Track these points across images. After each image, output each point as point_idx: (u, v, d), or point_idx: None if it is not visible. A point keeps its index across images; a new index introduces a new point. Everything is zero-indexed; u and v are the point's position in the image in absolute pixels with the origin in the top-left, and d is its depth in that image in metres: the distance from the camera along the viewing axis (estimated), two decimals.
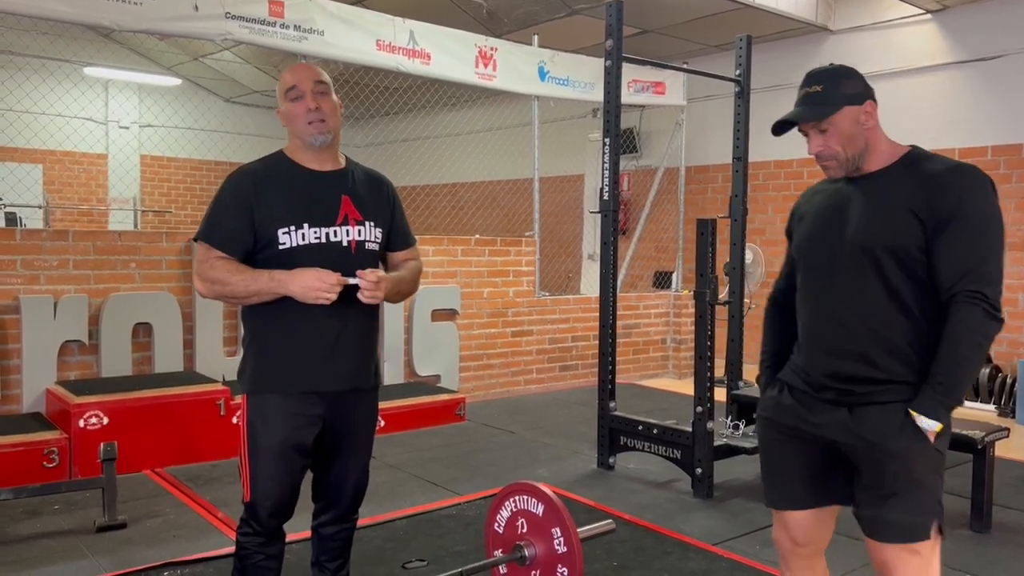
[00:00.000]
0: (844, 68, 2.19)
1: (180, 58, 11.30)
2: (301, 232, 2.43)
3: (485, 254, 7.09)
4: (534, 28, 7.93)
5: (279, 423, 2.46)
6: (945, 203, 2.02)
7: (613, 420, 4.86)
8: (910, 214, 2.04)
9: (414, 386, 6.31)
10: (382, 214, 2.62)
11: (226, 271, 2.41)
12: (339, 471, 2.62)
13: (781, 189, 8.66)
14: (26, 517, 3.94)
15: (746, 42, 5.54)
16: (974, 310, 2.00)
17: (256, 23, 5.70)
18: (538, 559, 2.62)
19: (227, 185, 2.50)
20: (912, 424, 2.02)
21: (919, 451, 2.03)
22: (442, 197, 10.59)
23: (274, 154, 2.59)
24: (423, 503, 4.21)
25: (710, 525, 3.97)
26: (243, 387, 2.53)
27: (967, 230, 2.00)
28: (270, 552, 2.57)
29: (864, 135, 2.14)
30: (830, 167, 2.19)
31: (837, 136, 2.13)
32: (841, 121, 2.12)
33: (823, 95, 2.14)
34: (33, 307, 4.96)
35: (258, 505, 2.49)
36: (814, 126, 2.15)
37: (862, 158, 2.15)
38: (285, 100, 2.51)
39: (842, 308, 2.15)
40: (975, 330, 2.01)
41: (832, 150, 2.15)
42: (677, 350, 8.44)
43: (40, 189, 10.32)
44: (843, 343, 2.14)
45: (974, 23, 7.26)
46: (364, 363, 2.58)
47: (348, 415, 2.57)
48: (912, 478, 2.05)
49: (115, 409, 4.61)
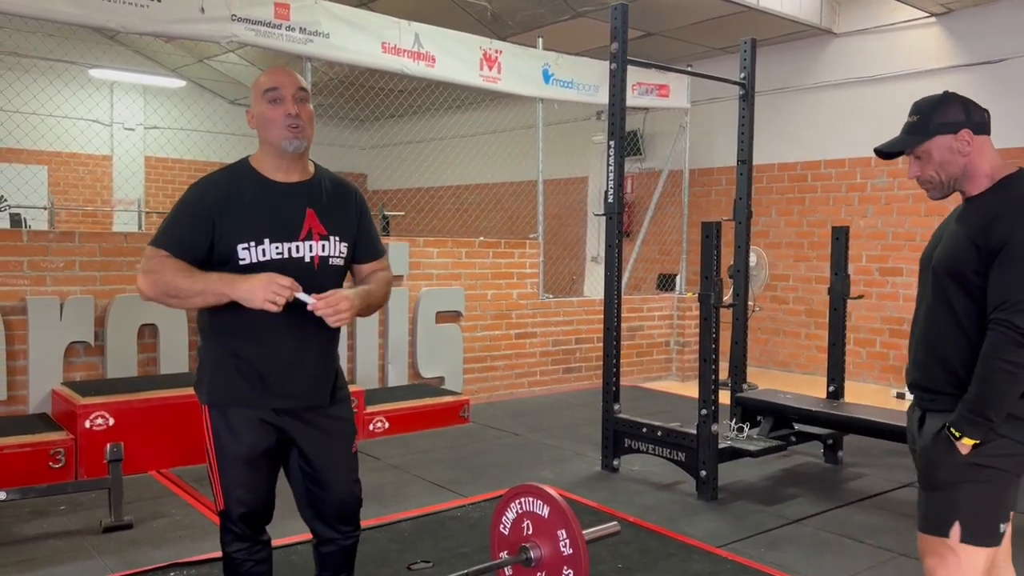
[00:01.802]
0: (945, 97, 2.34)
1: (185, 60, 11.34)
2: (261, 248, 2.35)
3: (489, 256, 7.10)
4: (538, 31, 7.95)
5: (244, 431, 2.41)
6: (995, 232, 2.17)
7: (617, 422, 4.86)
8: (969, 240, 2.21)
9: (418, 388, 6.32)
10: (348, 227, 2.52)
11: (173, 270, 2.31)
12: (317, 490, 2.54)
13: (785, 192, 8.67)
14: (33, 517, 3.95)
15: (750, 45, 5.55)
16: (999, 336, 2.14)
17: (262, 25, 5.72)
18: (544, 561, 2.62)
19: (189, 195, 2.40)
20: (946, 434, 2.22)
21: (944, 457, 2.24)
22: (446, 199, 10.61)
23: (239, 164, 2.50)
24: (428, 504, 4.21)
25: (714, 527, 3.97)
26: (202, 398, 2.48)
27: (1011, 259, 2.14)
28: (258, 557, 2.54)
29: (960, 161, 2.29)
30: (928, 190, 2.38)
31: (930, 162, 2.32)
32: (933, 149, 2.30)
33: (917, 124, 2.33)
34: (39, 308, 4.98)
35: (233, 512, 2.46)
36: (910, 153, 2.35)
37: (959, 182, 2.32)
38: (261, 101, 2.41)
39: (923, 324, 2.37)
40: (997, 355, 2.14)
41: (927, 175, 2.34)
42: (681, 353, 8.44)
43: (45, 190, 10.34)
44: (917, 355, 2.39)
45: (979, 26, 7.27)
46: (321, 381, 2.50)
47: (312, 432, 2.50)
48: (936, 479, 2.27)
49: (121, 410, 4.63)
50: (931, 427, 2.30)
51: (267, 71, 2.50)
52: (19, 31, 8.16)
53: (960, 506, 2.22)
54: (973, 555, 2.22)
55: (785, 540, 3.81)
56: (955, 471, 2.22)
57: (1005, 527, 2.26)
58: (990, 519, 2.23)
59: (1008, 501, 2.26)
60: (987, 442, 2.18)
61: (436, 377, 6.66)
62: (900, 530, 3.94)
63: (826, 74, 8.31)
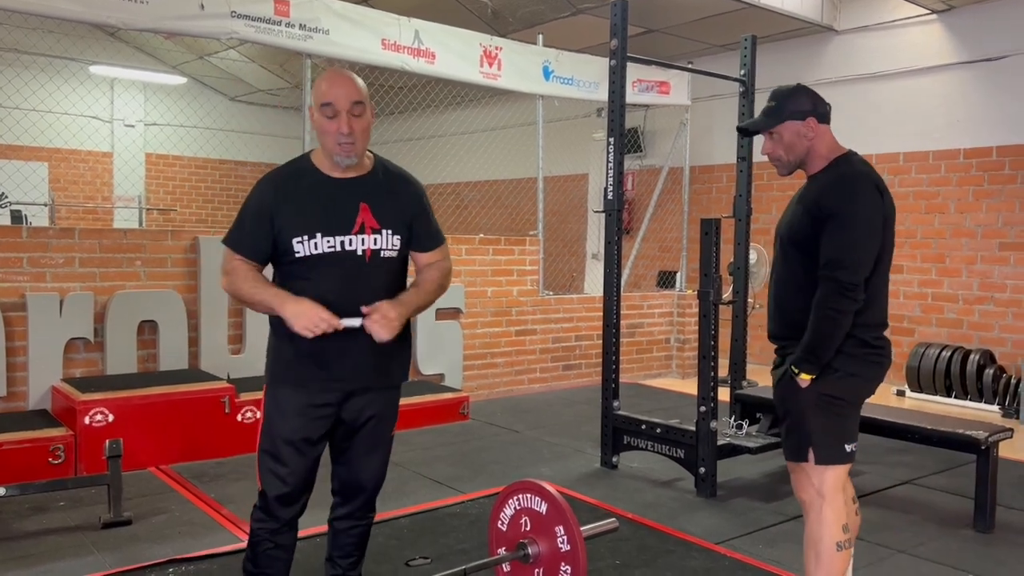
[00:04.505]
0: (797, 89, 2.76)
1: (185, 57, 11.33)
2: (314, 241, 2.46)
3: (489, 253, 7.09)
4: (539, 27, 7.94)
5: (292, 415, 2.53)
6: (824, 204, 2.62)
7: (617, 419, 4.86)
8: (807, 212, 2.66)
9: (418, 384, 6.32)
10: (402, 219, 2.59)
11: (242, 277, 2.50)
12: (354, 466, 2.67)
13: (785, 189, 8.65)
14: (32, 513, 3.95)
15: (751, 42, 5.54)
16: (826, 289, 2.58)
17: (262, 22, 5.71)
18: (542, 557, 2.63)
19: (253, 192, 2.55)
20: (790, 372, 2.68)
21: (790, 392, 2.69)
22: (446, 196, 10.60)
23: (301, 158, 2.62)
24: (427, 501, 4.22)
25: (713, 524, 3.97)
26: (264, 379, 2.63)
27: (837, 227, 2.58)
28: (279, 541, 2.63)
29: (804, 144, 2.72)
30: (777, 166, 2.82)
31: (780, 143, 2.75)
32: (784, 131, 2.73)
33: (773, 109, 2.75)
34: (39, 304, 4.98)
35: (268, 493, 2.57)
36: (766, 133, 2.78)
37: (803, 163, 2.76)
38: (319, 111, 2.46)
39: (773, 284, 2.84)
40: (825, 304, 2.59)
41: (776, 153, 2.77)
42: (681, 349, 8.44)
43: (46, 187, 10.33)
44: (770, 310, 2.86)
45: (980, 23, 7.25)
46: (379, 363, 2.59)
47: (362, 412, 2.61)
48: (787, 410, 2.74)
49: (120, 406, 4.63)
50: (780, 368, 2.75)
51: (327, 76, 2.51)
52: (19, 27, 8.15)
53: (811, 434, 2.66)
54: (828, 473, 2.66)
55: (784, 537, 3.81)
56: (800, 403, 2.67)
57: (851, 447, 2.69)
58: (836, 441, 2.67)
59: (850, 425, 2.71)
60: (821, 377, 2.62)
61: (436, 374, 6.67)
62: (898, 527, 3.95)
63: (827, 71, 8.29)
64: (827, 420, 2.66)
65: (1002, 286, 7.19)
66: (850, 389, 2.68)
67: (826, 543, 2.66)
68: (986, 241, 7.26)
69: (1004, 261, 7.17)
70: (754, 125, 2.83)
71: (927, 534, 3.89)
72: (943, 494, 4.50)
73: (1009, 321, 7.14)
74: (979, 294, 7.33)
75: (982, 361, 6.92)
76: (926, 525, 4.02)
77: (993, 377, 6.83)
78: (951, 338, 7.44)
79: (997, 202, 7.14)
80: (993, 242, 7.21)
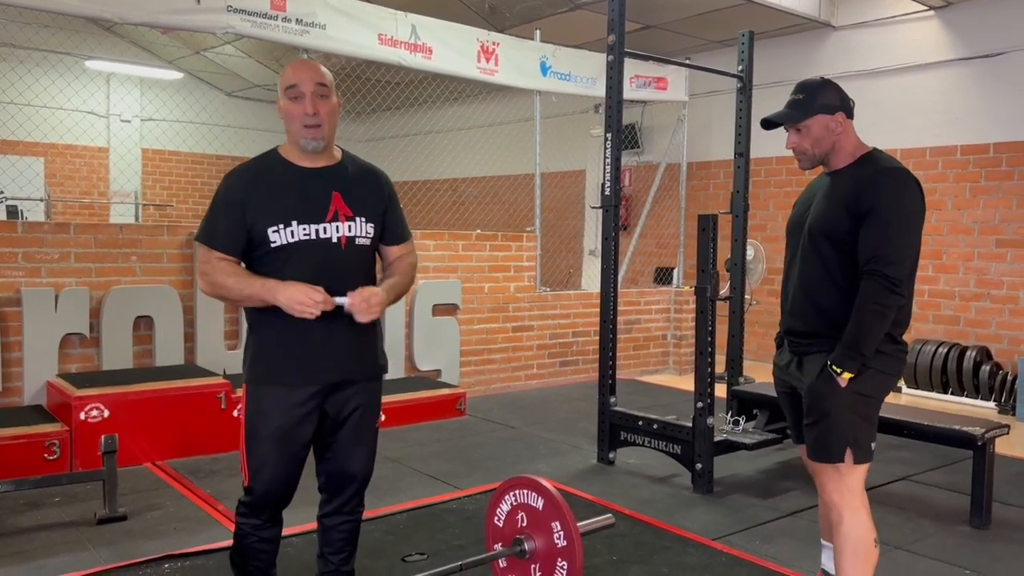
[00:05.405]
0: (824, 82, 2.73)
1: (182, 52, 11.30)
2: (290, 230, 2.47)
3: (486, 249, 7.08)
4: (536, 23, 7.92)
5: (276, 413, 2.53)
6: (864, 199, 2.57)
7: (613, 415, 4.86)
8: (843, 206, 2.61)
9: (415, 381, 6.31)
10: (374, 208, 2.63)
11: (224, 273, 2.48)
12: (341, 458, 2.66)
13: (783, 185, 8.66)
14: (27, 509, 3.95)
15: (749, 38, 5.53)
16: (872, 284, 2.53)
17: (258, 16, 5.69)
18: (538, 553, 2.62)
19: (221, 187, 2.55)
20: (828, 371, 2.60)
21: (828, 390, 2.61)
22: (443, 192, 10.58)
23: (269, 152, 2.62)
24: (423, 497, 4.21)
25: (710, 520, 3.97)
26: (244, 378, 2.61)
27: (879, 221, 2.54)
28: (264, 536, 2.66)
29: (832, 139, 2.70)
30: (800, 160, 2.78)
31: (808, 136, 2.71)
32: (813, 125, 2.69)
33: (802, 102, 2.70)
34: (34, 300, 4.97)
35: (255, 490, 2.58)
36: (792, 126, 2.73)
37: (828, 157, 2.73)
38: (284, 97, 2.51)
39: (800, 280, 2.76)
40: (871, 299, 2.53)
41: (803, 146, 2.73)
42: (678, 346, 8.45)
43: (41, 182, 10.33)
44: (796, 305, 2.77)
45: (977, 20, 7.25)
46: (359, 355, 2.61)
47: (345, 405, 2.61)
48: (823, 410, 2.64)
49: (116, 402, 4.62)
50: (814, 366, 2.68)
51: (291, 65, 2.59)
52: (14, 22, 8.12)
53: (848, 433, 2.61)
54: (859, 472, 2.65)
55: (780, 533, 3.81)
56: (837, 403, 2.60)
57: (874, 444, 2.68)
58: (869, 440, 2.66)
59: (875, 423, 2.69)
60: (860, 375, 2.57)
61: (433, 370, 6.66)
62: (895, 523, 3.95)
63: (825, 67, 8.28)
64: (861, 419, 2.63)
65: (999, 283, 7.20)
66: (881, 386, 2.66)
67: (866, 541, 2.62)
68: (983, 238, 7.26)
69: (1001, 258, 7.17)
70: (782, 117, 2.75)
71: (924, 530, 3.90)
72: (940, 490, 4.51)
73: (1006, 318, 7.15)
74: (976, 291, 7.33)
75: (979, 358, 6.94)
76: (922, 521, 4.02)
77: (989, 374, 6.84)
78: (948, 335, 7.45)
79: (994, 199, 7.14)
80: (990, 239, 7.22)
